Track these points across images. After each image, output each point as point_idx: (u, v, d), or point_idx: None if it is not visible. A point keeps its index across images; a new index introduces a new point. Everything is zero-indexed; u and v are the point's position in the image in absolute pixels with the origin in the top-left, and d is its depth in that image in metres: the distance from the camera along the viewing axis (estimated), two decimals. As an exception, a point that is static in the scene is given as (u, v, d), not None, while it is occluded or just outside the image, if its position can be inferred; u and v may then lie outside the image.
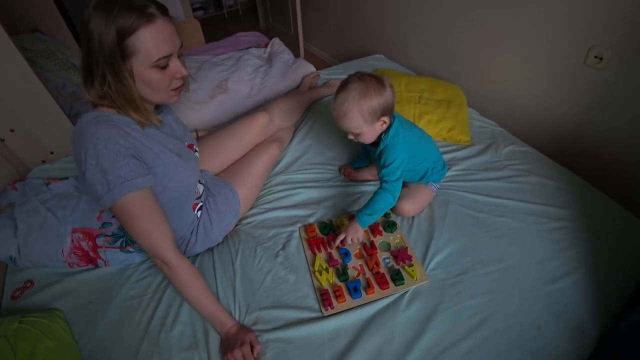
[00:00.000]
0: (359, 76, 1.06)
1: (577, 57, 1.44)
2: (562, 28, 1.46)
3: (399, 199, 1.22)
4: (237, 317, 1.01)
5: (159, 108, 1.06)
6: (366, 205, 1.13)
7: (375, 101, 1.03)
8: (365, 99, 1.02)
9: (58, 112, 1.64)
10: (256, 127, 1.41)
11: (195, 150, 1.15)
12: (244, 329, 0.96)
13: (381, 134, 1.13)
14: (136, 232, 0.89)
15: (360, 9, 2.67)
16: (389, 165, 1.11)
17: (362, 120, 1.05)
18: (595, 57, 1.38)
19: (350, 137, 1.13)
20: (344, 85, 1.06)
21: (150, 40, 0.82)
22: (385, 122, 1.09)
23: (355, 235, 1.13)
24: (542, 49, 1.56)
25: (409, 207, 1.23)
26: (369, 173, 1.40)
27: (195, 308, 0.97)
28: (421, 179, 1.27)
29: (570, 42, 1.45)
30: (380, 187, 1.13)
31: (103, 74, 0.82)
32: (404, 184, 1.31)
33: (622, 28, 1.28)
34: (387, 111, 1.07)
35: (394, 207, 1.24)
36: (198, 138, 1.44)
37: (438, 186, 1.31)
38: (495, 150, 1.51)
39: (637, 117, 1.36)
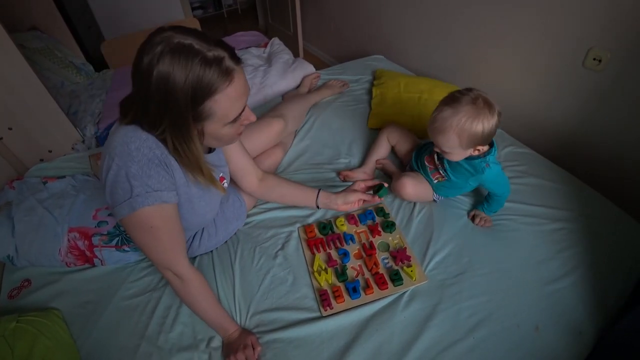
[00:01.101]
0: (473, 99, 1.00)
1: (575, 59, 1.45)
2: (561, 30, 1.46)
3: (402, 176, 1.24)
4: (237, 320, 1.01)
5: None
6: (489, 207, 1.21)
7: (480, 129, 1.00)
8: (470, 124, 0.99)
9: (56, 110, 1.64)
10: (272, 134, 1.40)
11: (224, 185, 1.06)
12: (245, 332, 0.97)
13: (476, 157, 1.11)
14: (150, 246, 0.84)
15: (359, 10, 2.67)
16: (497, 188, 1.16)
17: (457, 144, 1.03)
18: (594, 59, 1.38)
19: (437, 149, 1.12)
20: (454, 102, 1.02)
21: (228, 102, 0.75)
22: (479, 151, 1.07)
23: (488, 220, 1.22)
24: (541, 50, 1.56)
25: (410, 187, 1.22)
26: (363, 173, 1.40)
27: (200, 316, 0.96)
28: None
29: (569, 44, 1.45)
30: (498, 197, 1.19)
31: (163, 130, 0.75)
32: (414, 172, 1.31)
33: (620, 30, 1.29)
34: (486, 141, 1.05)
35: (395, 183, 1.25)
36: None
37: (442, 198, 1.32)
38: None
39: (635, 118, 1.36)
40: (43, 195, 1.26)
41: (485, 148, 1.08)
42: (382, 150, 1.46)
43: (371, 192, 1.16)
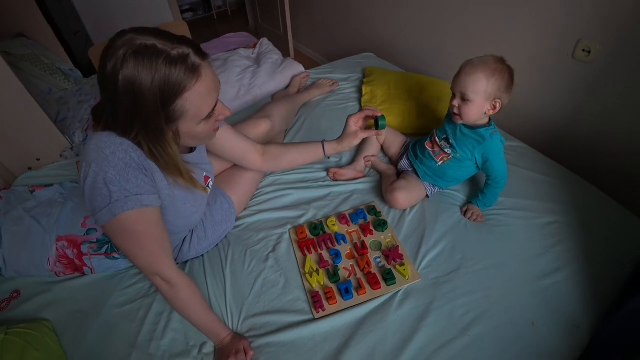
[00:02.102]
0: (499, 58, 1.11)
1: (565, 50, 1.44)
2: (549, 22, 1.46)
3: (395, 189, 1.24)
4: (229, 325, 0.99)
5: None
6: (484, 199, 1.22)
7: (503, 85, 1.08)
8: (498, 75, 1.07)
9: (44, 117, 1.62)
10: (260, 134, 1.38)
11: (208, 184, 1.06)
12: (237, 336, 0.95)
13: (481, 126, 1.17)
14: (135, 252, 0.81)
15: (348, 8, 2.66)
16: (500, 164, 1.17)
17: (484, 88, 1.07)
18: (584, 50, 1.38)
19: (456, 103, 1.13)
20: (481, 57, 1.11)
21: (198, 98, 0.73)
22: (494, 108, 1.12)
23: (480, 216, 1.22)
24: (531, 43, 1.56)
25: (403, 199, 1.23)
26: (354, 170, 1.40)
27: (192, 321, 0.94)
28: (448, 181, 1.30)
29: (558, 36, 1.45)
30: (495, 184, 1.19)
31: (136, 134, 0.74)
32: (404, 176, 1.32)
33: (609, 21, 1.28)
34: (501, 101, 1.11)
35: (387, 197, 1.26)
36: None
37: (436, 190, 1.31)
38: (486, 146, 1.50)
39: (626, 109, 1.36)
40: (30, 205, 1.24)
41: (498, 106, 1.12)
42: (371, 149, 1.45)
43: (373, 128, 1.12)
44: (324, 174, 1.43)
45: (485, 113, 1.13)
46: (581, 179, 1.35)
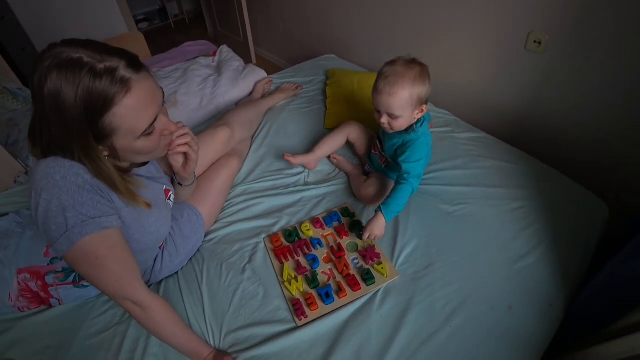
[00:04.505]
0: (411, 60, 1.08)
1: (518, 42, 1.49)
2: (502, 15, 1.51)
3: (367, 186, 1.25)
4: (211, 342, 0.96)
5: None
6: (390, 201, 1.09)
7: (424, 88, 1.07)
8: (417, 83, 1.05)
9: (-8, 143, 1.52)
10: (218, 143, 1.34)
11: (170, 198, 1.04)
12: (220, 353, 0.93)
13: (411, 127, 1.15)
14: (100, 278, 0.78)
15: (308, 10, 2.66)
16: (415, 161, 1.12)
17: (409, 103, 1.07)
18: (535, 41, 1.43)
19: (384, 120, 1.12)
20: (394, 65, 1.07)
21: (130, 113, 0.69)
22: (421, 112, 1.12)
23: (380, 232, 1.09)
24: (485, 37, 1.60)
25: (378, 197, 1.24)
26: (310, 160, 1.40)
27: (170, 343, 0.90)
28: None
29: (511, 28, 1.50)
30: (403, 181, 1.11)
31: (78, 155, 0.71)
32: (374, 174, 1.33)
33: (556, 12, 1.34)
34: (426, 101, 1.11)
35: (360, 195, 1.27)
36: None
37: None
38: (452, 139, 1.54)
39: (576, 96, 1.42)
40: (-16, 238, 1.16)
41: (424, 109, 1.13)
42: (334, 144, 1.44)
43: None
44: (294, 179, 1.42)
45: (414, 118, 1.13)
46: (543, 164, 1.40)
